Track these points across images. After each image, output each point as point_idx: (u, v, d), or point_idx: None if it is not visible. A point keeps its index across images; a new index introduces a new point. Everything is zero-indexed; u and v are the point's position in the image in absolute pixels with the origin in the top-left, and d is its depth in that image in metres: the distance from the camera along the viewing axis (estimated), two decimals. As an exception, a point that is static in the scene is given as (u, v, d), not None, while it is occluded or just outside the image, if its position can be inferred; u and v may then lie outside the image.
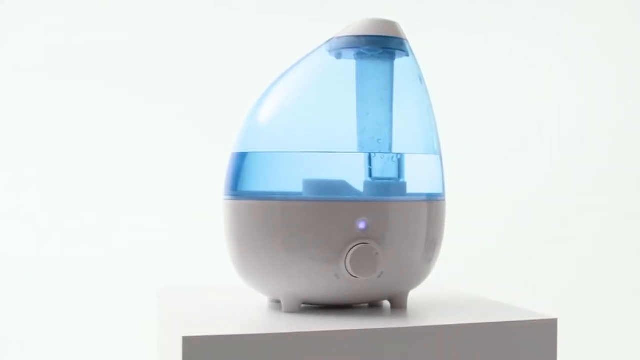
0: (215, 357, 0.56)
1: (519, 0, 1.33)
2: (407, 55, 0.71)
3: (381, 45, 0.69)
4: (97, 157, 1.22)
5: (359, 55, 0.70)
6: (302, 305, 0.68)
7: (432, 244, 0.68)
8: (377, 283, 0.65)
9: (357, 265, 0.63)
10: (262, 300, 0.71)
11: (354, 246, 0.63)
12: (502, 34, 1.31)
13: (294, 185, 0.66)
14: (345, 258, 0.63)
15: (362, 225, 0.64)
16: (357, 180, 0.68)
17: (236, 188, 0.66)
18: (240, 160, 0.67)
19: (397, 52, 0.70)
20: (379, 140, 0.70)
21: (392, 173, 0.70)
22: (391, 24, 0.69)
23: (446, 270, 0.84)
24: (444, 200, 0.71)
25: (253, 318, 0.64)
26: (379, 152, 0.69)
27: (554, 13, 1.33)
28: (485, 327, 0.63)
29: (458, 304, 0.71)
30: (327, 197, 0.64)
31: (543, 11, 1.32)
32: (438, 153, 0.71)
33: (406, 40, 0.70)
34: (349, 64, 0.70)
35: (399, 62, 0.71)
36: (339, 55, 0.70)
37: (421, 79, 0.71)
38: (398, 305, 0.68)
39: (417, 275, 0.68)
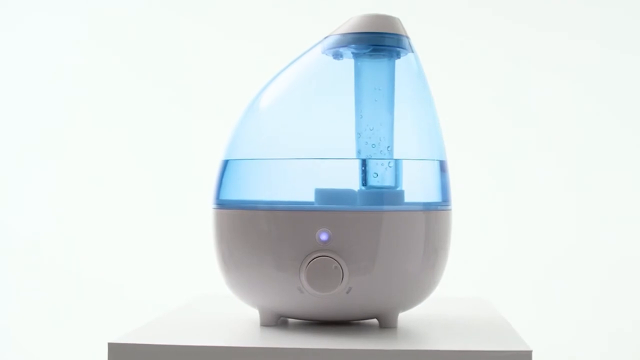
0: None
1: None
2: (408, 53, 0.65)
3: (370, 43, 0.64)
4: (105, 157, 1.27)
5: (354, 55, 0.65)
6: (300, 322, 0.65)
7: (428, 258, 0.61)
8: (347, 300, 0.60)
9: (314, 279, 0.59)
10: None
11: (312, 259, 0.59)
12: (508, 33, 1.25)
13: (267, 194, 0.63)
14: (304, 271, 0.59)
15: (323, 237, 0.59)
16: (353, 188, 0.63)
17: (218, 197, 0.65)
18: (222, 169, 0.66)
19: (395, 49, 0.64)
20: (373, 145, 0.64)
21: (388, 181, 0.64)
22: (385, 20, 0.64)
23: (471, 283, 0.77)
24: (446, 209, 0.64)
25: (217, 329, 0.62)
26: (373, 158, 0.64)
27: (560, 13, 1.26)
28: (456, 355, 0.55)
29: (449, 325, 0.64)
30: (292, 206, 0.61)
31: (549, 12, 1.26)
32: (441, 158, 0.64)
33: (405, 36, 0.64)
34: (349, 64, 0.65)
35: (400, 61, 0.65)
36: (337, 55, 0.66)
37: (423, 79, 0.65)
38: (385, 324, 0.62)
39: (406, 293, 0.61)
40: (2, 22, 1.31)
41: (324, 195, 0.61)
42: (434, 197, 0.64)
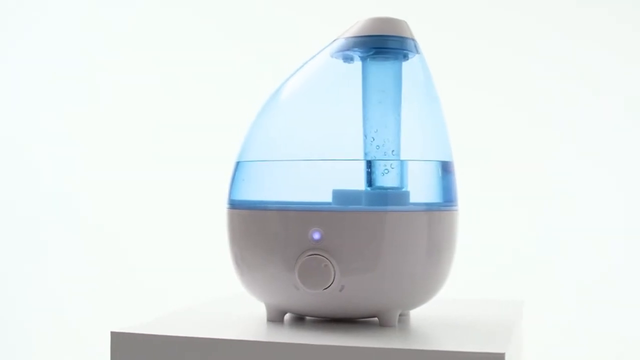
0: (140, 353, 0.59)
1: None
2: (415, 55, 0.65)
3: (373, 46, 0.65)
4: (119, 158, 1.34)
5: (361, 58, 0.66)
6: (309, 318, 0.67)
7: (430, 258, 0.62)
8: (341, 297, 0.61)
9: (305, 276, 0.61)
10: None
11: (304, 257, 0.61)
12: (518, 33, 1.24)
13: (272, 194, 0.65)
14: (297, 269, 0.61)
15: (315, 236, 0.61)
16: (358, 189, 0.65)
17: (230, 197, 0.68)
18: (234, 170, 0.68)
19: (401, 52, 0.65)
20: (377, 146, 0.65)
21: (393, 182, 0.65)
22: (390, 23, 0.65)
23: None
24: (451, 210, 0.64)
25: (221, 324, 0.65)
26: (379, 159, 0.65)
27: (566, 14, 1.24)
28: (427, 355, 0.55)
29: (444, 326, 0.64)
30: (296, 206, 0.63)
31: (555, 13, 1.24)
32: (446, 159, 0.65)
33: (411, 39, 0.65)
34: (357, 67, 0.67)
35: (407, 62, 0.65)
36: (347, 58, 0.67)
37: (429, 80, 0.65)
38: (384, 323, 0.63)
39: (405, 292, 0.62)
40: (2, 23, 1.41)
41: (326, 195, 0.63)
42: (437, 197, 0.64)
